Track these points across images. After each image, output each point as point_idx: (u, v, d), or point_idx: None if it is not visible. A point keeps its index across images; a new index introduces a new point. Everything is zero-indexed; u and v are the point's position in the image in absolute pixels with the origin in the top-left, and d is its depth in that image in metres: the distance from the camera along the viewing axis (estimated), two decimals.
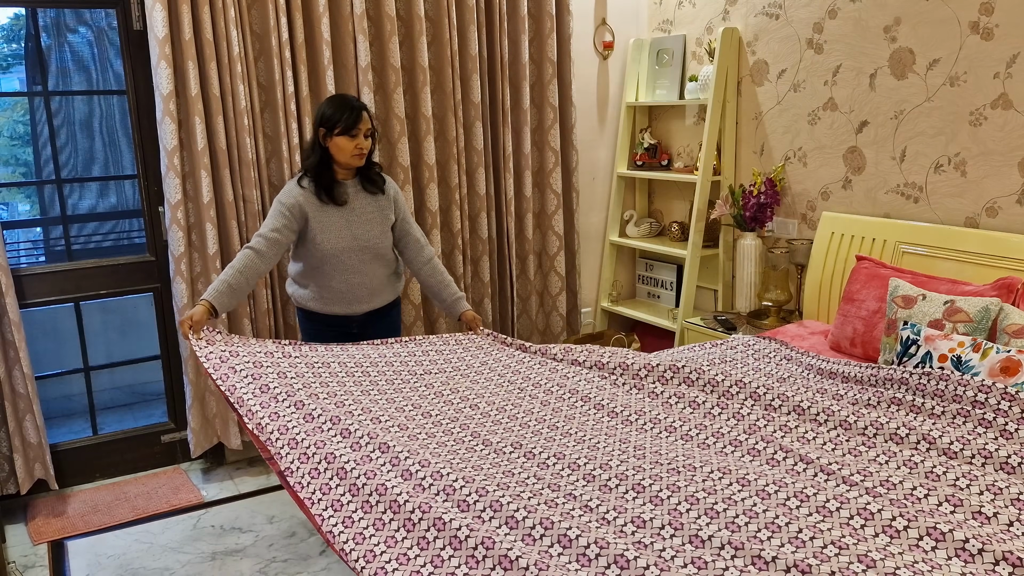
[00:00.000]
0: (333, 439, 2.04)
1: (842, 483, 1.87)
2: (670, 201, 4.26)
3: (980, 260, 2.77)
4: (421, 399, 2.36)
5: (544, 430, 2.20)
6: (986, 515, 1.73)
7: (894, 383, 2.28)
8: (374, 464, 1.95)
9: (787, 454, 2.02)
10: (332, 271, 2.76)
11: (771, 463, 2.00)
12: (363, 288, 2.81)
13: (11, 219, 5.51)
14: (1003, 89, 2.76)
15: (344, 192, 2.75)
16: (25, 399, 3.09)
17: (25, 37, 5.16)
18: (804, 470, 1.95)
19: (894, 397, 2.22)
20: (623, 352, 2.67)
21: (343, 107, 2.67)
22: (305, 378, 2.34)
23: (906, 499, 1.78)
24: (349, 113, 2.65)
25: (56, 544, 2.97)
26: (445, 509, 1.77)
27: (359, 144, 2.68)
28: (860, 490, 1.83)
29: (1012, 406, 2.03)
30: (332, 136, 2.67)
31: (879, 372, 2.33)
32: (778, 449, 2.05)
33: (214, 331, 2.54)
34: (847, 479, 1.88)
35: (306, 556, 2.84)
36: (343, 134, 2.66)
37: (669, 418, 2.28)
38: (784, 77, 3.51)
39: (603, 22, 4.12)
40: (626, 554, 1.60)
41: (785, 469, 1.96)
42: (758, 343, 2.88)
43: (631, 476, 1.91)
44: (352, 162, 2.71)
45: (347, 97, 2.74)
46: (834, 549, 1.61)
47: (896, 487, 1.83)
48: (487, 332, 2.89)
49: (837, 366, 2.49)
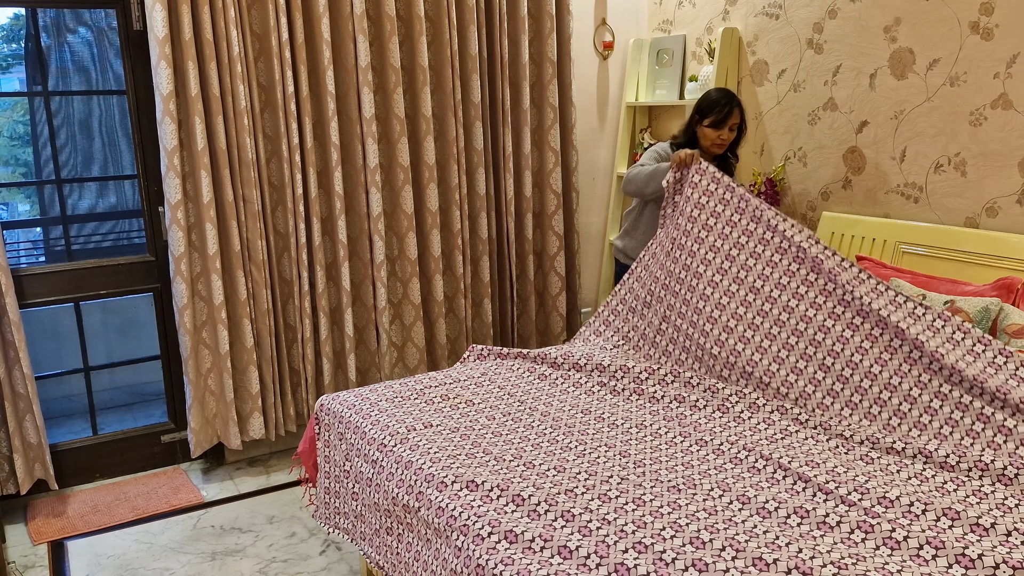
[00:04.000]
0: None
1: (840, 503, 1.85)
2: None
3: (980, 260, 2.77)
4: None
5: (544, 442, 2.20)
6: (984, 527, 1.72)
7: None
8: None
9: (786, 472, 2.00)
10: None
11: (771, 481, 1.97)
12: None
13: (11, 219, 5.51)
14: (1003, 89, 2.76)
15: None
16: (25, 399, 3.09)
17: (25, 37, 5.16)
18: (803, 489, 1.92)
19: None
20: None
21: (718, 103, 3.09)
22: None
23: (904, 516, 1.77)
24: (720, 108, 3.08)
25: (56, 544, 2.97)
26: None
27: (722, 135, 3.11)
28: (859, 510, 1.81)
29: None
30: (702, 124, 3.12)
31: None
32: (777, 467, 2.02)
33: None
34: (845, 498, 1.85)
35: (306, 556, 2.85)
36: (711, 126, 3.10)
37: (669, 432, 2.26)
38: (784, 77, 3.51)
39: (603, 22, 4.12)
40: (626, 562, 1.60)
41: (785, 487, 1.94)
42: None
43: (632, 491, 1.90)
44: (712, 150, 3.15)
45: (727, 94, 3.12)
46: (833, 569, 1.59)
47: (894, 503, 1.81)
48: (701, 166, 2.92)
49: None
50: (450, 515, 1.82)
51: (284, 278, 3.45)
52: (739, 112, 3.14)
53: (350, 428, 2.36)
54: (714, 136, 3.12)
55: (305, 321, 3.45)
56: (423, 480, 1.97)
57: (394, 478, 2.07)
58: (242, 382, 3.38)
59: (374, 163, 3.47)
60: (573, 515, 1.78)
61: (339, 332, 3.59)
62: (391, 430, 2.23)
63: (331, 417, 2.48)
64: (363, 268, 3.61)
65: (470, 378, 2.65)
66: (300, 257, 3.41)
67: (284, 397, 3.51)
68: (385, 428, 2.25)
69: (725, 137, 3.13)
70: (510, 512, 1.80)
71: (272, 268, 3.39)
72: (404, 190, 3.56)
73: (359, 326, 3.66)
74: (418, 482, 1.98)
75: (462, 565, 1.71)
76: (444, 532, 1.82)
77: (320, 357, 3.56)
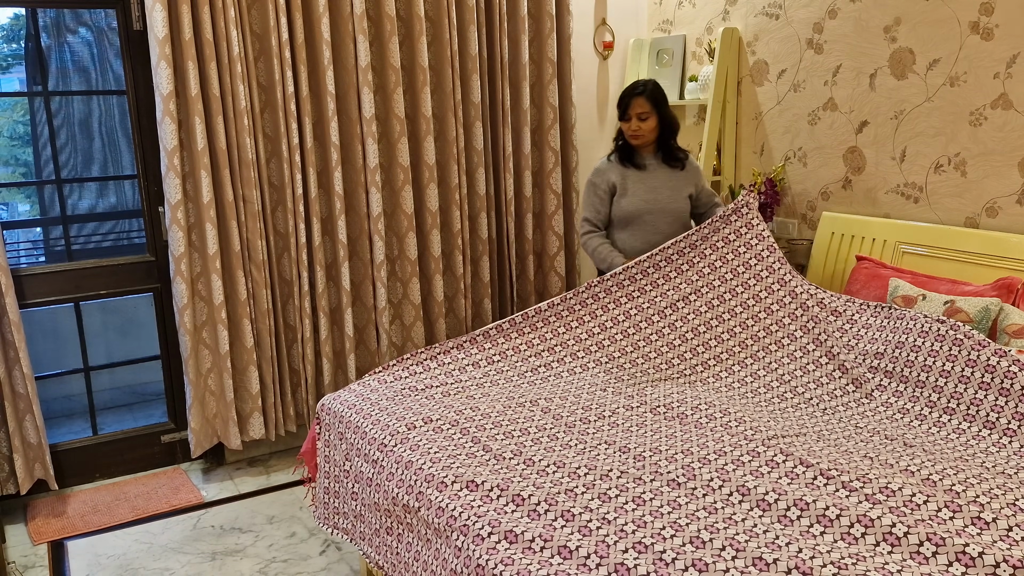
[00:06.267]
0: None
1: (841, 488, 1.85)
2: None
3: (980, 260, 2.77)
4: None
5: (544, 438, 2.20)
6: (985, 520, 1.72)
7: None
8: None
9: (787, 457, 2.01)
10: (634, 231, 3.18)
11: (771, 465, 1.98)
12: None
13: (11, 219, 5.52)
14: (1003, 89, 2.76)
15: (643, 161, 3.19)
16: (25, 399, 3.09)
17: (25, 37, 5.16)
18: (804, 472, 1.93)
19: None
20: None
21: (621, 97, 3.12)
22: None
23: (905, 506, 1.77)
24: (620, 101, 3.13)
25: (56, 544, 2.97)
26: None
27: (631, 127, 3.12)
28: (860, 496, 1.81)
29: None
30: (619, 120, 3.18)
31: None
32: (778, 451, 2.04)
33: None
34: (847, 484, 1.86)
35: (306, 556, 2.85)
36: (620, 120, 3.16)
37: (670, 414, 2.27)
38: (784, 77, 3.51)
39: (603, 22, 4.12)
40: (626, 562, 1.60)
41: (784, 471, 1.95)
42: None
43: (631, 488, 1.89)
44: (630, 140, 3.17)
45: (635, 84, 3.13)
46: (833, 569, 1.59)
47: (895, 493, 1.81)
48: (752, 200, 3.01)
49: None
50: (450, 515, 1.82)
51: (284, 278, 3.45)
52: (646, 101, 3.07)
53: (350, 428, 2.36)
54: (625, 128, 3.14)
55: (305, 321, 3.45)
56: (423, 480, 1.97)
57: (394, 478, 2.07)
58: (242, 382, 3.38)
59: (374, 163, 3.47)
60: (573, 515, 1.78)
61: (339, 332, 3.59)
62: (391, 429, 2.23)
63: (331, 417, 2.48)
64: (363, 268, 3.61)
65: (472, 379, 2.65)
66: (300, 257, 3.41)
67: (284, 397, 3.51)
68: (386, 427, 2.25)
69: (635, 127, 3.10)
70: (510, 512, 1.80)
71: (272, 268, 3.39)
72: (404, 190, 3.56)
73: (359, 326, 3.66)
74: (418, 482, 1.98)
75: (462, 565, 1.71)
76: (444, 532, 1.82)
77: (320, 357, 3.56)
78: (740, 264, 2.87)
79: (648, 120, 3.10)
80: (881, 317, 2.55)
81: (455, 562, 1.75)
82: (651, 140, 3.17)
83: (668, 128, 3.16)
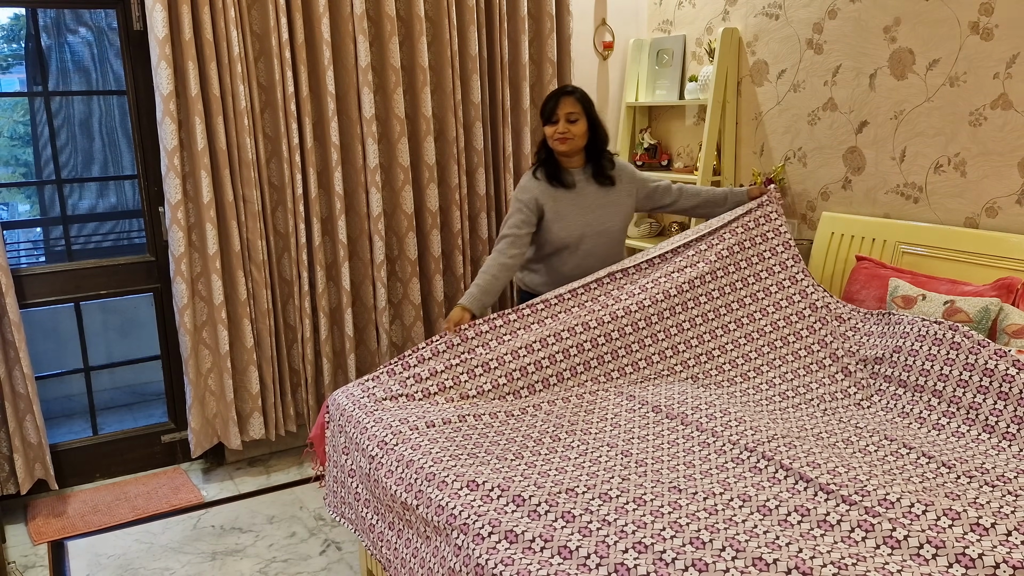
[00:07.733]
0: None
1: (842, 503, 1.84)
2: None
3: (980, 260, 2.77)
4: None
5: (546, 439, 2.20)
6: (984, 526, 1.72)
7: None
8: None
9: (787, 472, 2.00)
10: (567, 257, 2.93)
11: (772, 480, 1.97)
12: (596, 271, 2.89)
13: (11, 219, 5.52)
14: (1003, 89, 2.76)
15: (571, 178, 2.91)
16: (25, 399, 3.09)
17: (25, 37, 5.16)
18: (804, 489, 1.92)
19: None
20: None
21: (545, 100, 2.86)
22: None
23: (904, 516, 1.76)
24: (544, 104, 2.86)
25: (56, 544, 2.97)
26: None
27: (558, 130, 2.84)
28: (859, 509, 1.80)
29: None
30: (544, 126, 2.89)
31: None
32: (779, 467, 2.02)
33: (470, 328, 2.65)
34: (847, 498, 1.85)
35: (306, 556, 2.85)
36: (544, 124, 2.87)
37: (672, 432, 2.26)
38: (784, 77, 3.51)
39: (603, 22, 4.12)
40: (626, 562, 1.60)
41: (787, 487, 1.94)
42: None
43: (632, 489, 1.90)
44: (555, 147, 2.87)
45: (560, 88, 2.88)
46: (833, 569, 1.59)
47: (894, 505, 1.80)
48: (776, 195, 2.96)
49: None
50: (450, 514, 1.82)
51: (284, 278, 3.45)
52: (576, 102, 2.83)
53: (351, 423, 2.37)
54: (551, 132, 2.85)
55: (305, 321, 3.45)
56: (423, 479, 1.98)
57: (393, 475, 2.07)
58: (242, 382, 3.39)
59: (374, 163, 3.47)
60: (573, 515, 1.78)
61: (339, 332, 3.59)
62: (393, 428, 2.24)
63: (336, 410, 2.48)
64: (363, 268, 3.61)
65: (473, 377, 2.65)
66: (300, 257, 3.41)
67: (284, 397, 3.51)
68: (388, 427, 2.25)
69: (563, 129, 2.82)
70: (510, 512, 1.80)
71: (272, 268, 3.39)
72: (404, 190, 3.57)
73: (359, 326, 3.66)
74: (418, 480, 1.98)
75: (461, 564, 1.71)
76: (444, 530, 1.82)
77: (320, 357, 3.56)
78: (756, 257, 2.87)
79: (578, 123, 2.84)
80: (882, 324, 2.56)
81: (454, 560, 1.75)
82: (579, 147, 2.89)
83: (598, 135, 2.92)
